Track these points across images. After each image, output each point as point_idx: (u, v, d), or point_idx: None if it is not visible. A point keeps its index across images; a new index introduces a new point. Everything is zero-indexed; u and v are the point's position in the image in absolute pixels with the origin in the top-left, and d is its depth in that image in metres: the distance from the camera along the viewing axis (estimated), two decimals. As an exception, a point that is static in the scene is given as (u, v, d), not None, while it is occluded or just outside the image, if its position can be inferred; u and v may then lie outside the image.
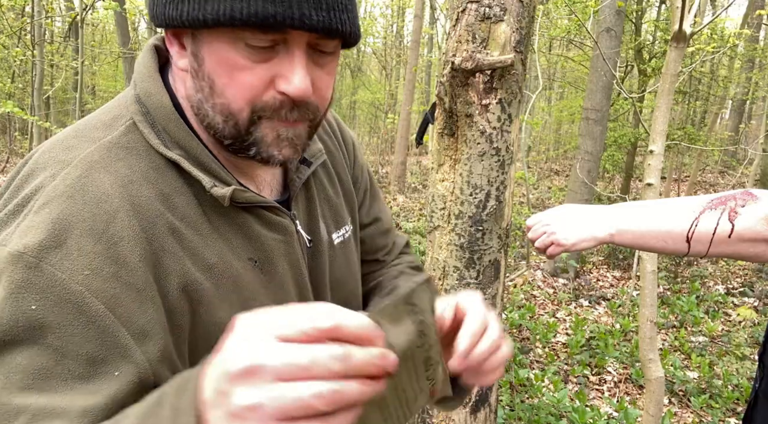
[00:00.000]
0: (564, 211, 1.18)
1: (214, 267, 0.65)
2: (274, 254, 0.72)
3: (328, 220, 0.83)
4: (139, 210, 0.60)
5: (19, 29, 6.52)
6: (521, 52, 1.31)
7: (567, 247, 1.13)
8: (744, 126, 13.11)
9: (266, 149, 0.65)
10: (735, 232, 0.96)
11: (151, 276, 0.58)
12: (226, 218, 0.67)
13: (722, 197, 1.00)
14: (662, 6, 8.97)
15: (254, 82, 0.61)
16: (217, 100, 0.62)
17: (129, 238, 0.58)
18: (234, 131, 0.64)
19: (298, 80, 0.61)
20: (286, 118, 0.64)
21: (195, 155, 0.65)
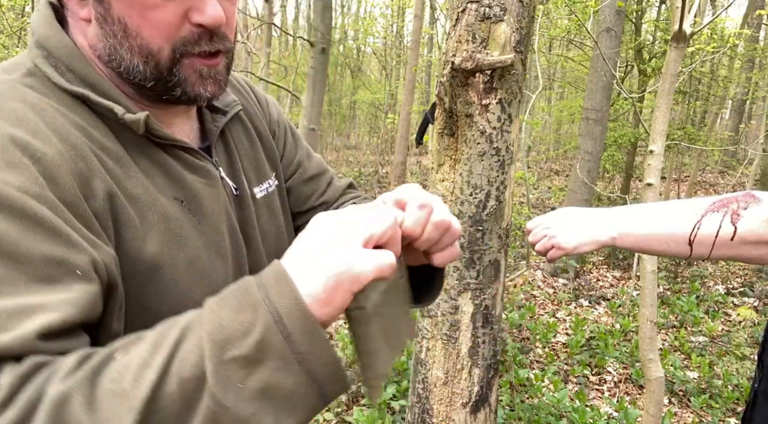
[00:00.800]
0: (564, 214, 1.18)
1: (138, 198, 0.63)
2: (200, 197, 0.70)
3: (249, 173, 0.82)
4: (59, 132, 0.58)
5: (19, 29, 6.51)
6: (521, 52, 1.31)
7: (568, 250, 1.13)
8: (744, 126, 13.11)
9: (191, 88, 0.65)
10: (737, 234, 0.96)
11: (80, 193, 0.56)
12: (145, 155, 0.65)
13: (724, 200, 1.00)
14: (662, 6, 8.97)
15: (168, 19, 0.61)
16: (133, 41, 0.61)
17: (53, 154, 0.55)
18: (156, 72, 0.63)
19: (211, 9, 0.62)
20: (206, 51, 0.64)
21: (103, 90, 0.63)
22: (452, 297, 1.44)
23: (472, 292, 1.43)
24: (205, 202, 0.70)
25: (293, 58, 13.00)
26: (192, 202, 0.69)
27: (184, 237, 0.66)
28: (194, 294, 0.66)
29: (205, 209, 0.70)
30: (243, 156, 0.83)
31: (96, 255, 0.54)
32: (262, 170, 0.86)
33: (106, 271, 0.55)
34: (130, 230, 0.61)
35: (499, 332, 1.51)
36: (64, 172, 0.55)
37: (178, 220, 0.66)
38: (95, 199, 0.58)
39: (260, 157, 0.86)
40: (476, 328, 1.46)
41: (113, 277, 0.56)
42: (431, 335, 1.50)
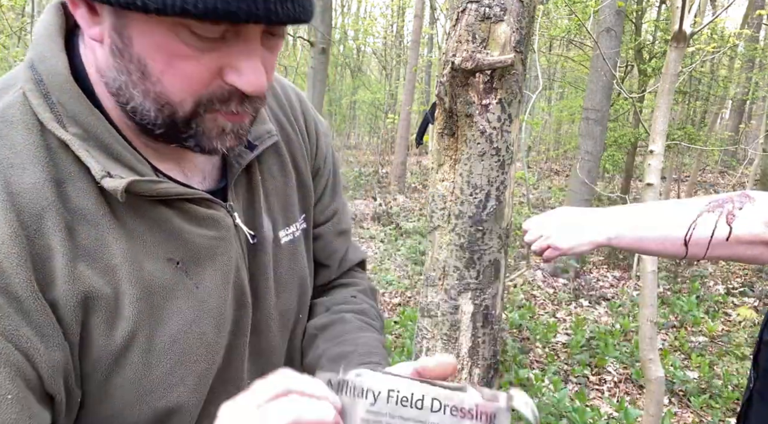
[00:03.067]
0: (561, 214, 1.18)
1: (116, 270, 0.55)
2: (203, 253, 0.61)
3: (276, 214, 0.73)
4: (20, 202, 0.50)
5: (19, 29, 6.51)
6: (521, 52, 1.31)
7: (564, 251, 1.13)
8: (744, 126, 13.11)
9: (207, 142, 0.57)
10: (733, 234, 0.96)
11: (33, 282, 0.50)
12: (136, 211, 0.57)
13: (719, 200, 1.00)
14: (662, 6, 8.97)
15: (200, 73, 0.52)
16: (150, 86, 0.52)
17: (4, 237, 0.49)
18: (170, 122, 0.54)
19: (253, 76, 0.53)
20: (235, 111, 0.56)
21: (95, 134, 0.54)
22: (452, 297, 1.44)
23: (472, 292, 1.43)
24: (208, 260, 0.62)
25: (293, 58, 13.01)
26: (191, 261, 0.61)
27: (169, 311, 0.59)
28: (170, 378, 0.60)
29: (206, 270, 0.62)
30: (271, 193, 0.72)
31: (30, 373, 0.49)
32: (291, 211, 0.76)
33: (41, 382, 0.51)
34: (100, 313, 0.54)
35: (499, 332, 1.51)
36: (15, 260, 0.49)
37: (165, 289, 0.58)
38: (53, 287, 0.51)
39: (292, 195, 0.76)
40: (476, 328, 1.46)
41: (52, 385, 0.51)
42: (431, 335, 1.50)
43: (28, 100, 0.54)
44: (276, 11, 0.48)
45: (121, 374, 0.57)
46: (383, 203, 8.47)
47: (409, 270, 5.77)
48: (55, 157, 0.53)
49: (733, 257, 1.00)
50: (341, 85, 16.16)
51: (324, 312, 0.84)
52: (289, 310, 0.77)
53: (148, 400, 0.59)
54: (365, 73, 17.85)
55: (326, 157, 0.84)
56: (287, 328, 0.78)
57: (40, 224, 0.51)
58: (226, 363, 0.67)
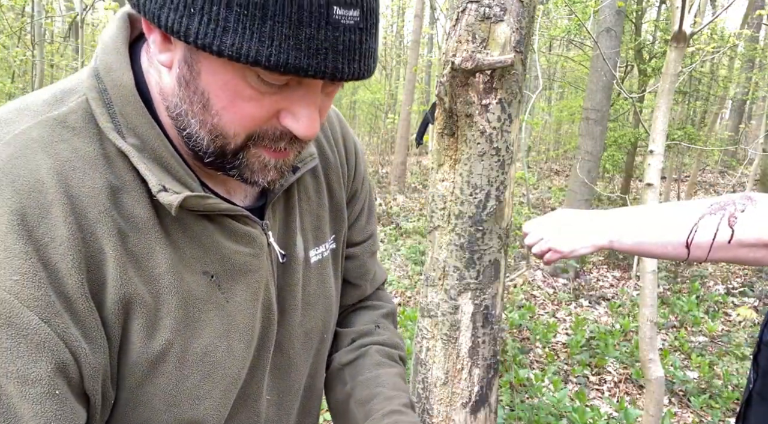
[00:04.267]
0: (562, 216, 1.17)
1: (159, 279, 0.57)
2: (237, 268, 0.64)
3: (308, 234, 0.75)
4: (79, 205, 0.52)
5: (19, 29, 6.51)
6: (521, 52, 1.31)
7: (565, 254, 1.12)
8: (744, 126, 13.11)
9: (249, 175, 0.59)
10: (735, 237, 0.95)
11: (86, 284, 0.52)
12: (182, 224, 0.59)
13: (721, 202, 0.99)
14: (662, 6, 8.97)
15: (259, 114, 0.54)
16: (209, 118, 0.54)
17: (62, 238, 0.50)
18: (219, 152, 0.57)
19: (308, 122, 0.55)
20: (282, 149, 0.58)
21: (152, 147, 0.57)
22: (452, 297, 1.44)
23: (472, 292, 1.43)
24: (240, 276, 0.64)
25: (293, 58, 12.94)
26: (225, 276, 0.63)
27: (203, 322, 0.61)
28: (198, 390, 0.62)
29: (237, 285, 0.64)
30: (305, 214, 0.75)
31: (76, 375, 0.51)
32: (323, 231, 0.78)
33: (82, 382, 0.52)
34: (140, 319, 0.56)
35: (499, 332, 1.51)
36: (70, 262, 0.51)
37: (200, 301, 0.60)
38: (102, 289, 0.53)
39: (324, 216, 0.78)
40: (476, 328, 1.46)
41: (90, 386, 0.53)
42: (431, 335, 1.50)
43: (91, 108, 0.56)
44: (343, 70, 0.51)
45: (155, 382, 0.58)
46: (383, 203, 8.47)
47: (409, 270, 5.77)
48: (113, 165, 0.55)
49: (734, 260, 0.99)
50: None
51: (349, 344, 0.88)
52: (314, 329, 0.78)
53: (176, 411, 0.60)
54: (365, 73, 17.81)
55: (364, 179, 0.87)
56: (310, 346, 0.79)
57: (96, 229, 0.53)
58: (249, 378, 0.69)
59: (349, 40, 0.50)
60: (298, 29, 0.47)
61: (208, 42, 0.47)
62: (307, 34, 0.47)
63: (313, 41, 0.48)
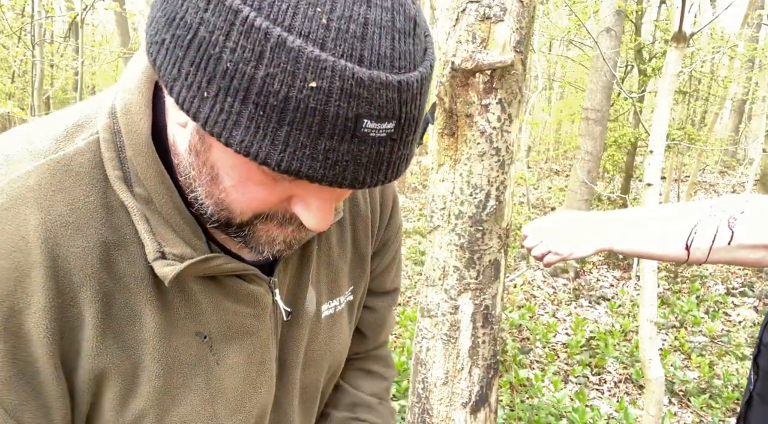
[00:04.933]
0: (561, 218, 1.17)
1: (143, 344, 0.53)
2: (234, 329, 0.60)
3: (322, 286, 0.70)
4: (64, 266, 0.49)
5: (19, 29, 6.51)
6: (521, 52, 1.31)
7: (564, 256, 1.12)
8: (744, 126, 13.11)
9: (256, 246, 0.54)
10: (734, 239, 0.95)
11: (57, 352, 0.49)
12: (179, 284, 0.55)
13: (720, 204, 0.99)
14: (662, 6, 8.97)
15: (269, 199, 0.49)
16: (216, 193, 0.50)
17: (38, 306, 0.47)
18: (224, 224, 0.53)
19: (320, 216, 0.50)
20: (291, 231, 0.53)
21: (160, 201, 0.53)
22: (452, 297, 1.44)
23: (472, 292, 1.43)
24: (236, 338, 0.60)
25: (293, 58, 12.95)
26: (219, 336, 0.59)
27: (187, 389, 0.57)
28: None
29: (231, 347, 0.60)
30: (322, 265, 0.70)
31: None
32: (339, 284, 0.73)
33: None
34: (114, 388, 0.53)
35: (499, 332, 1.51)
36: (44, 330, 0.48)
37: (187, 366, 0.57)
38: (75, 358, 0.51)
39: (344, 268, 0.73)
40: (476, 328, 1.46)
41: None
42: (431, 335, 1.50)
43: (100, 151, 0.52)
44: (364, 180, 0.45)
45: None
46: (383, 203, 8.44)
47: (409, 270, 5.77)
48: (113, 218, 0.52)
49: (734, 261, 0.99)
50: (341, 85, 16.13)
51: (349, 409, 0.85)
52: (313, 384, 0.75)
53: None
54: (365, 73, 17.83)
55: (398, 230, 0.83)
56: (308, 401, 0.76)
57: (78, 293, 0.50)
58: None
59: (377, 152, 0.43)
60: (317, 140, 0.41)
61: (217, 131, 0.42)
62: (326, 146, 0.41)
63: (333, 153, 0.42)
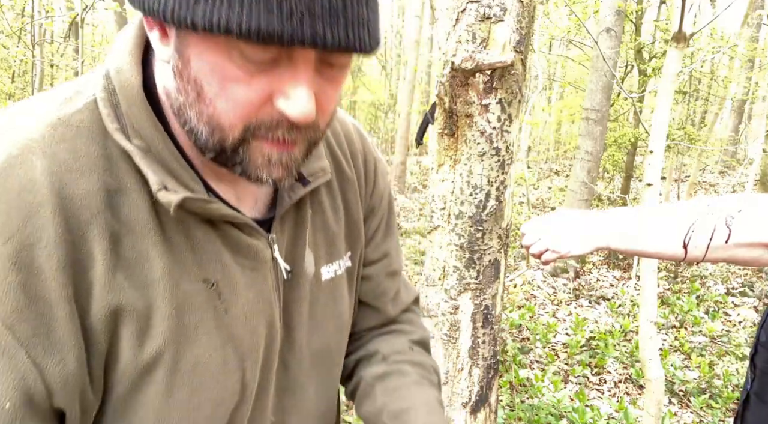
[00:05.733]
0: (560, 217, 1.18)
1: (153, 285, 0.55)
2: (238, 281, 0.61)
3: (320, 250, 0.72)
4: (70, 206, 0.51)
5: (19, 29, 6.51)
6: (521, 52, 1.31)
7: (563, 254, 1.13)
8: (744, 126, 13.11)
9: (254, 171, 0.56)
10: (732, 237, 0.95)
11: (70, 287, 0.50)
12: (182, 227, 0.57)
13: (718, 202, 0.99)
14: (662, 6, 8.97)
15: (250, 97, 0.52)
16: (204, 109, 0.53)
17: (48, 240, 0.49)
18: (219, 147, 0.55)
19: (301, 103, 0.52)
20: (282, 139, 0.55)
21: (156, 149, 0.56)
22: (452, 297, 1.44)
23: (472, 292, 1.43)
24: (241, 287, 0.62)
25: (293, 58, 12.96)
26: (225, 285, 0.60)
27: (199, 331, 0.58)
28: (189, 403, 0.59)
29: (239, 297, 0.61)
30: (318, 229, 0.72)
31: (38, 386, 0.49)
32: (336, 247, 0.75)
33: (50, 398, 0.50)
34: (130, 326, 0.54)
35: (499, 332, 1.51)
36: (56, 263, 0.50)
37: (197, 309, 0.58)
38: (88, 294, 0.52)
39: (339, 232, 0.75)
40: (476, 328, 1.46)
41: (64, 402, 0.51)
42: (431, 335, 1.50)
43: (98, 109, 0.56)
44: (325, 36, 0.47)
45: (145, 391, 0.56)
46: (383, 203, 8.44)
47: (409, 270, 5.77)
48: (114, 167, 0.54)
49: (732, 260, 0.99)
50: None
51: (381, 361, 0.83)
52: (324, 350, 0.75)
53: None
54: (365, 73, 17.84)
55: (383, 197, 0.84)
56: (321, 367, 0.76)
57: (86, 232, 0.52)
58: (249, 397, 0.66)
59: (328, 3, 0.47)
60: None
61: (183, 15, 0.46)
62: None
63: (285, 3, 0.45)
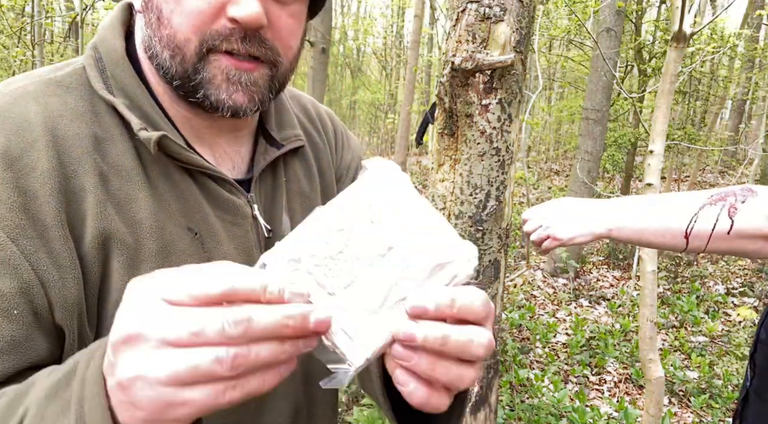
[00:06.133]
0: (561, 204, 1.18)
1: (141, 223, 0.57)
2: (220, 233, 0.63)
3: (296, 214, 0.74)
4: (62, 144, 0.56)
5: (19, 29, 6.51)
6: (521, 52, 1.31)
7: (563, 241, 1.12)
8: (744, 126, 13.11)
9: (214, 91, 0.58)
10: (734, 228, 0.95)
11: (63, 214, 0.53)
12: (166, 177, 0.60)
13: (722, 193, 0.99)
14: (662, 6, 8.97)
15: (201, 7, 0.55)
16: (164, 31, 0.57)
17: (43, 170, 0.53)
18: (181, 68, 0.58)
19: (249, 5, 0.55)
20: (236, 51, 0.57)
21: (139, 104, 0.60)
22: (452, 297, 1.44)
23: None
24: (223, 239, 0.63)
25: (293, 58, 12.94)
26: (209, 236, 0.62)
27: None
28: None
29: (222, 248, 0.63)
30: (294, 195, 0.75)
31: (41, 299, 0.51)
32: None
33: (51, 311, 0.52)
34: (121, 257, 0.56)
35: (499, 332, 1.51)
36: (49, 190, 0.53)
37: (182, 253, 0.60)
38: (82, 223, 0.54)
39: (315, 198, 0.77)
40: (476, 328, 1.46)
41: (65, 323, 0.53)
42: (431, 335, 1.50)
43: (86, 73, 0.61)
44: None
45: None
46: (383, 203, 8.44)
47: (409, 270, 5.75)
48: (100, 119, 0.59)
49: (733, 251, 0.99)
50: (341, 86, 16.16)
51: None
52: None
53: None
54: (365, 73, 17.84)
55: (350, 167, 0.86)
56: None
57: (78, 167, 0.56)
58: None
59: None
60: None
61: None
62: None
63: None
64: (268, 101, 0.63)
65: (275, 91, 0.63)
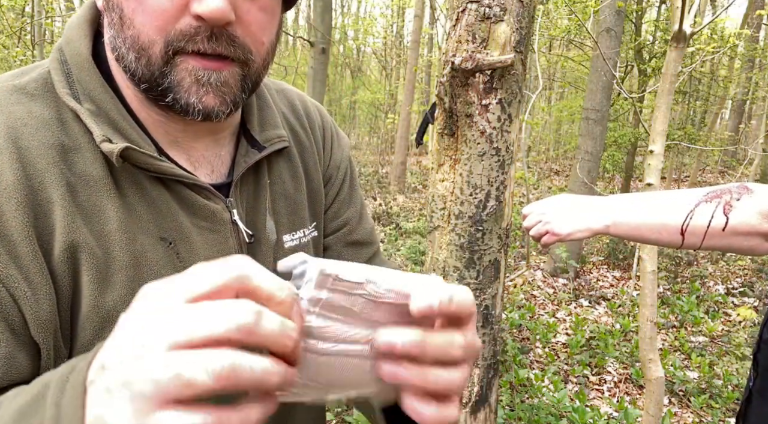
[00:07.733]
0: (560, 200, 1.19)
1: (110, 234, 0.55)
2: (197, 242, 0.61)
3: (282, 217, 0.71)
4: (27, 155, 0.53)
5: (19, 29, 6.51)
6: (521, 52, 1.31)
7: (562, 236, 1.13)
8: (744, 126, 13.11)
9: (183, 95, 0.56)
10: (729, 225, 0.96)
11: (31, 228, 0.51)
12: (136, 186, 0.58)
13: (718, 190, 1.00)
14: (662, 6, 8.97)
15: (164, 5, 0.52)
16: (127, 32, 0.54)
17: (7, 183, 0.51)
18: (147, 71, 0.55)
19: (212, 4, 0.52)
20: (202, 51, 0.54)
21: (105, 111, 0.57)
22: (452, 297, 1.44)
23: (472, 292, 1.43)
24: (199, 248, 0.61)
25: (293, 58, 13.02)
26: (184, 245, 0.60)
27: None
28: None
29: (197, 257, 0.61)
30: (279, 197, 0.72)
31: (13, 316, 0.50)
32: (300, 216, 0.74)
33: (26, 327, 0.51)
34: (91, 270, 0.54)
35: (499, 332, 1.51)
36: (15, 204, 0.51)
37: (155, 265, 0.58)
38: (50, 236, 0.53)
39: (301, 201, 0.75)
40: (476, 328, 1.46)
41: (38, 335, 0.52)
42: (431, 335, 1.50)
43: (51, 77, 0.58)
44: None
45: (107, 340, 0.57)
46: (383, 203, 8.47)
47: (409, 270, 5.77)
48: (67, 128, 0.57)
49: (728, 248, 1.00)
50: (341, 86, 16.16)
51: None
52: None
53: None
54: (365, 73, 17.85)
55: (339, 167, 0.83)
56: None
57: (44, 179, 0.53)
58: None
59: None
60: None
61: None
62: None
63: None
64: (241, 102, 0.61)
65: (248, 91, 0.61)
